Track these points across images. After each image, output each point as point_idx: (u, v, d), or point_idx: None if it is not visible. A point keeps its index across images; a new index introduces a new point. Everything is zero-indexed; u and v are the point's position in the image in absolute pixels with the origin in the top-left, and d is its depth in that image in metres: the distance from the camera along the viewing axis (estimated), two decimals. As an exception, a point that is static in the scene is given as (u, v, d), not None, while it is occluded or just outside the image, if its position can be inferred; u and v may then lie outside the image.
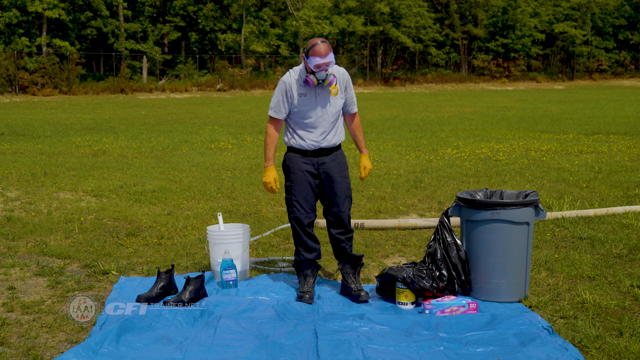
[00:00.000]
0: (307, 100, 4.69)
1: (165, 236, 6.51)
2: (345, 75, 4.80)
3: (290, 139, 4.82)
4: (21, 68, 38.62)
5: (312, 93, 4.70)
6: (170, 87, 42.51)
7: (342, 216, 4.83)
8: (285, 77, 4.72)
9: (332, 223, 4.87)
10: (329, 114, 4.74)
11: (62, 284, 5.04)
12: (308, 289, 4.79)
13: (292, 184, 4.81)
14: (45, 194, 8.65)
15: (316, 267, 4.91)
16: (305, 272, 4.86)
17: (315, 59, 4.53)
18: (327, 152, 4.81)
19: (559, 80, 57.25)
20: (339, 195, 4.81)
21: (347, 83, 4.80)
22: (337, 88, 4.70)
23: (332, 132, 4.79)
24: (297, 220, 4.80)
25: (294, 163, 4.80)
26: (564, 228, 6.61)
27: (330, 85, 4.65)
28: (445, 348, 3.86)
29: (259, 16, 50.42)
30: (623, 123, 19.19)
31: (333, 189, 4.81)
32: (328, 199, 4.84)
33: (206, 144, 14.63)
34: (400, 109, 27.18)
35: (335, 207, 4.83)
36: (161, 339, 4.01)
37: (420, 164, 11.26)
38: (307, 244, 4.85)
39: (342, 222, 4.85)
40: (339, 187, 4.81)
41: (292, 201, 4.81)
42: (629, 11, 61.40)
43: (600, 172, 10.17)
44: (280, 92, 4.72)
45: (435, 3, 57.91)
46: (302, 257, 4.86)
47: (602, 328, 4.09)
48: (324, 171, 4.79)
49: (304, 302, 4.64)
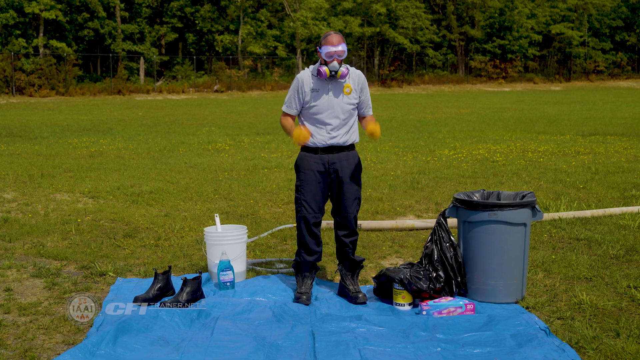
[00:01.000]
0: (318, 96, 4.72)
1: (163, 237, 6.50)
2: (362, 77, 4.82)
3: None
4: (18, 69, 38.55)
5: (325, 89, 4.71)
6: (167, 89, 42.48)
7: (349, 217, 4.83)
8: (299, 74, 4.79)
9: (339, 224, 4.88)
10: (341, 111, 4.74)
11: (59, 285, 5.03)
12: (305, 290, 4.79)
13: (301, 183, 4.82)
14: (42, 195, 8.64)
15: (315, 269, 4.91)
16: (304, 274, 4.87)
17: (327, 47, 4.60)
18: (338, 151, 4.79)
19: (555, 81, 57.31)
20: (347, 196, 4.81)
21: (363, 85, 4.81)
22: (350, 87, 4.72)
23: (343, 129, 4.77)
24: (303, 219, 4.80)
25: (304, 162, 4.82)
26: (561, 229, 6.62)
27: (343, 77, 4.67)
28: (443, 349, 3.86)
29: (256, 17, 50.41)
30: (620, 124, 19.23)
31: (342, 189, 4.81)
32: (337, 199, 4.85)
33: (203, 145, 14.62)
34: (398, 110, 27.20)
35: (343, 209, 4.83)
36: (158, 340, 4.01)
37: (417, 165, 11.27)
38: (309, 246, 4.84)
39: (348, 224, 4.84)
40: (348, 188, 4.80)
41: (300, 200, 4.82)
42: (625, 12, 61.51)
43: (597, 173, 10.18)
44: (293, 87, 4.78)
45: (432, 4, 57.97)
46: (302, 259, 4.86)
47: (599, 329, 4.10)
48: (334, 169, 4.78)
49: (301, 303, 4.65)
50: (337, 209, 4.85)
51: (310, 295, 4.79)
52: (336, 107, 4.73)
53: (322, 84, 4.72)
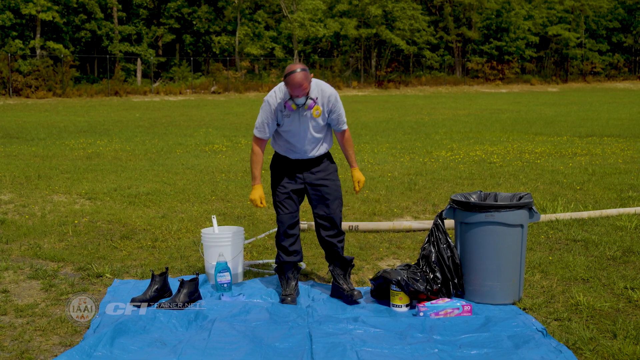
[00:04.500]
0: (290, 121, 4.73)
1: (160, 239, 6.50)
2: (332, 96, 4.73)
3: (276, 146, 4.91)
4: (15, 70, 38.52)
5: (296, 114, 4.71)
6: (164, 90, 42.46)
7: (332, 217, 4.83)
8: (270, 98, 4.70)
9: (322, 225, 4.87)
10: (312, 134, 4.77)
11: (56, 287, 5.02)
12: (290, 292, 4.81)
13: (275, 185, 4.88)
14: (39, 196, 8.63)
15: (297, 269, 4.93)
16: (286, 275, 4.89)
17: (290, 86, 4.54)
18: (311, 162, 4.85)
19: (552, 82, 57.40)
20: (327, 197, 4.82)
21: (333, 105, 4.74)
22: (319, 109, 4.70)
23: (316, 148, 4.83)
24: (279, 220, 4.86)
25: (278, 165, 4.89)
26: (557, 230, 6.63)
27: (310, 109, 4.66)
28: (440, 350, 3.86)
29: (253, 18, 50.44)
30: (617, 125, 19.26)
31: (320, 192, 4.83)
32: (317, 202, 4.85)
33: (200, 146, 14.61)
34: (395, 111, 27.21)
35: (324, 209, 4.83)
36: (155, 342, 4.00)
37: (414, 166, 11.27)
38: (287, 247, 4.87)
39: (332, 224, 4.84)
40: (326, 190, 4.83)
41: (276, 202, 4.88)
42: (622, 14, 61.65)
43: (594, 174, 10.19)
44: (265, 112, 4.73)
45: (429, 6, 58.03)
46: (282, 259, 4.89)
47: (596, 330, 4.10)
48: (308, 176, 4.84)
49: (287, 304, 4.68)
50: (319, 211, 4.86)
51: (295, 296, 4.80)
52: (307, 131, 4.75)
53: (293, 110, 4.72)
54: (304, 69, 4.56)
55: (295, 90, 4.53)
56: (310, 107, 4.63)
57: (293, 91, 4.54)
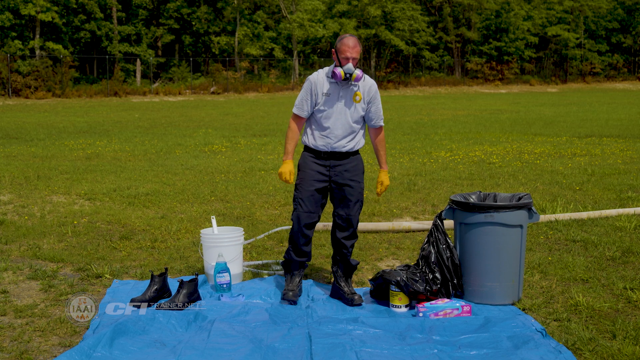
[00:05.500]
0: (329, 101, 4.73)
1: (159, 239, 6.50)
2: (373, 86, 4.82)
3: (306, 138, 4.87)
4: (14, 71, 38.49)
5: (336, 94, 4.72)
6: (163, 90, 42.44)
7: (351, 219, 4.83)
8: (312, 76, 4.78)
9: (339, 225, 4.87)
10: (348, 119, 4.75)
11: (55, 287, 5.02)
12: (293, 287, 4.83)
13: (300, 181, 4.84)
14: (38, 197, 8.62)
15: (303, 267, 4.95)
16: (292, 272, 4.91)
17: (345, 46, 4.62)
18: (341, 157, 4.81)
19: (552, 83, 57.41)
20: (349, 198, 4.81)
21: (374, 96, 4.81)
22: (360, 95, 4.73)
23: (348, 138, 4.79)
24: (296, 217, 4.81)
25: (306, 162, 4.85)
26: (557, 231, 6.63)
27: (357, 80, 4.67)
28: (439, 351, 3.86)
29: (252, 19, 50.42)
30: (616, 126, 19.27)
31: (344, 192, 4.81)
32: (338, 202, 4.85)
33: (200, 147, 14.61)
34: (394, 112, 27.21)
35: (345, 209, 4.83)
36: (155, 342, 4.01)
37: (414, 167, 11.28)
38: (299, 246, 4.85)
39: (349, 225, 4.84)
40: (350, 191, 4.81)
41: (297, 198, 4.83)
42: (621, 14, 61.65)
43: (593, 174, 10.20)
44: (305, 89, 4.78)
45: (428, 6, 58.02)
46: (291, 258, 4.89)
47: (596, 330, 4.10)
48: (335, 173, 4.80)
49: (287, 299, 4.70)
50: (339, 211, 4.85)
51: (297, 292, 4.81)
52: (344, 116, 4.74)
53: (335, 89, 4.72)
54: (353, 35, 4.74)
55: (347, 51, 4.60)
56: (357, 78, 4.65)
57: (346, 51, 4.61)
